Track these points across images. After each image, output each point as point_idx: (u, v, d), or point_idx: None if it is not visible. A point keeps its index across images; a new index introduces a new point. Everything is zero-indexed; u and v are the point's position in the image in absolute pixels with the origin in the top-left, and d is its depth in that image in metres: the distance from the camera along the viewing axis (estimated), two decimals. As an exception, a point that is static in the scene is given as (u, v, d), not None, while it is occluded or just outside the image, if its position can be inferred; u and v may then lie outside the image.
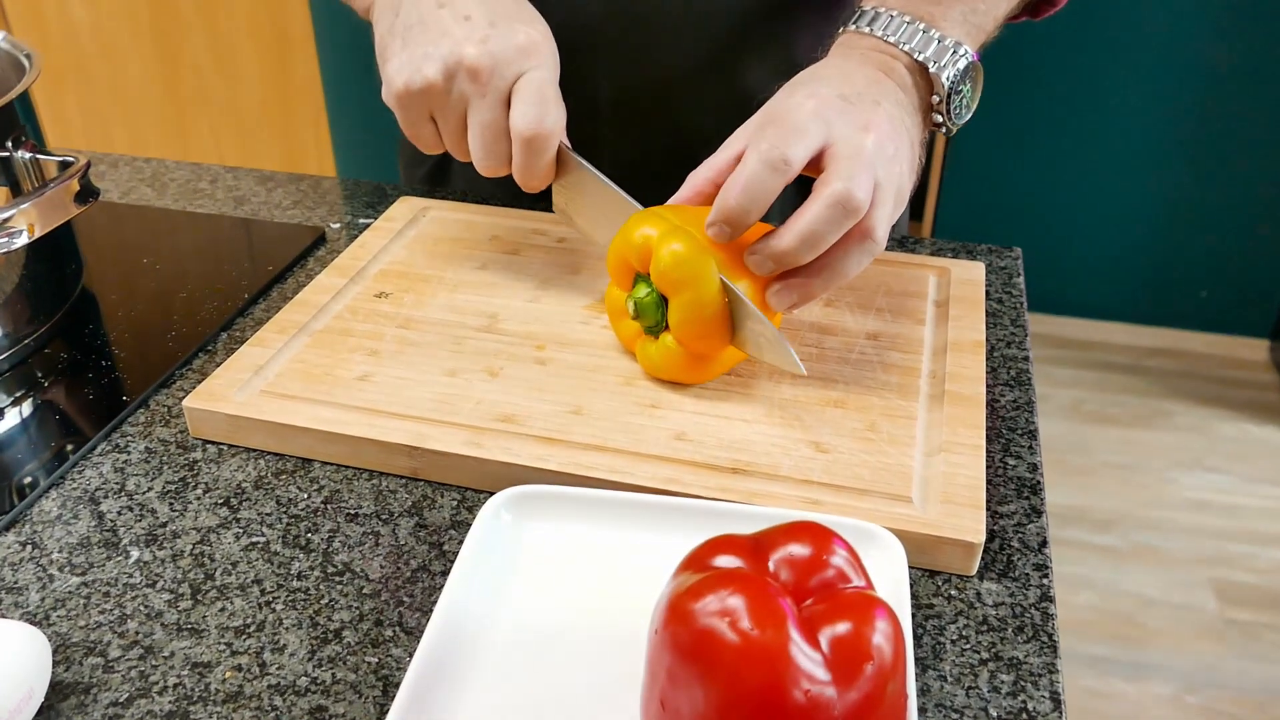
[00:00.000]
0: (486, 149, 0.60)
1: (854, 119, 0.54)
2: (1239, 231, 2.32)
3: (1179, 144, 2.25)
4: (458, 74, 0.58)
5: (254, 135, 2.40)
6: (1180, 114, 2.22)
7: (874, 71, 0.58)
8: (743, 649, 0.35)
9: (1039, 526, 0.52)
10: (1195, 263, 2.39)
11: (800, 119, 0.53)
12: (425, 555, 0.50)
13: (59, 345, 0.65)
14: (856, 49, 0.60)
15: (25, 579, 0.49)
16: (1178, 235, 2.36)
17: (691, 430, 0.54)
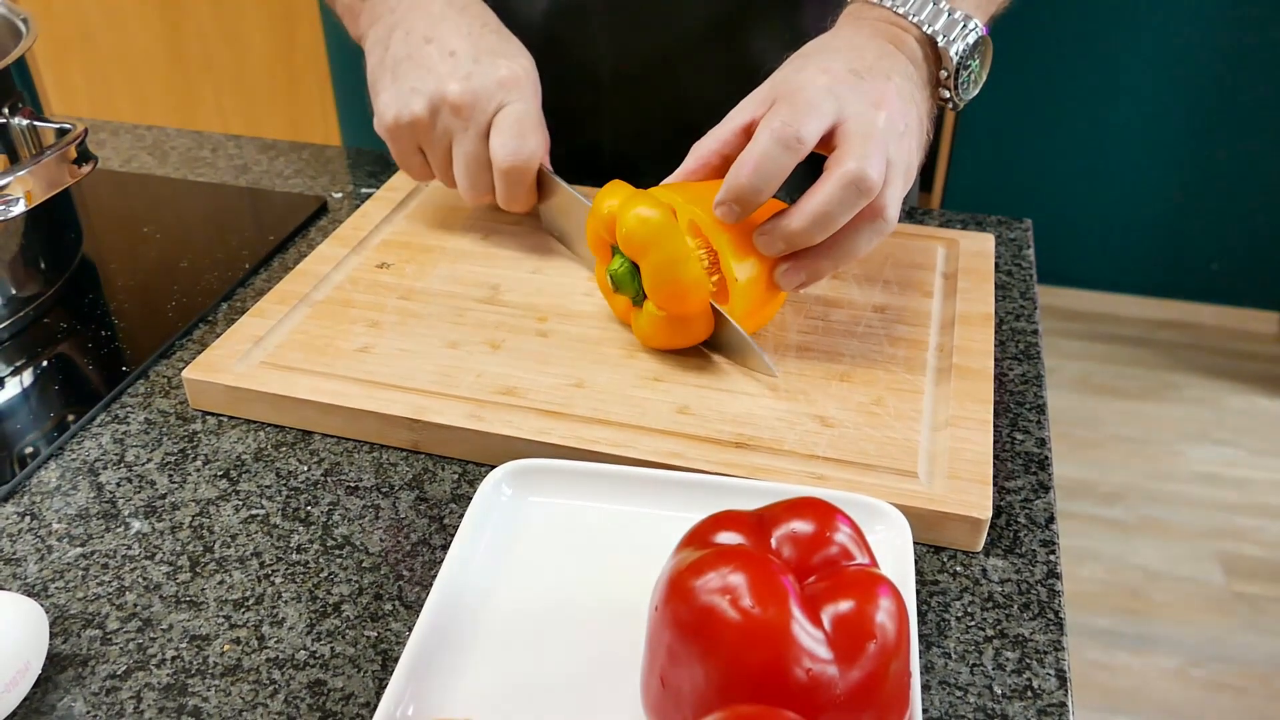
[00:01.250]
0: (470, 179, 0.64)
1: (866, 95, 0.53)
2: (1250, 204, 2.30)
3: (1190, 116, 2.23)
4: (441, 109, 0.62)
5: (259, 102, 2.39)
6: (1191, 86, 2.19)
7: (884, 44, 0.57)
8: (744, 627, 0.34)
9: (1046, 502, 0.51)
10: (1205, 235, 2.37)
11: (812, 95, 0.52)
12: (425, 529, 0.49)
13: (58, 314, 0.65)
14: (867, 20, 0.58)
15: (24, 550, 0.49)
16: (1188, 207, 2.34)
17: (695, 404, 0.54)
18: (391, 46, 0.64)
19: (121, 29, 2.37)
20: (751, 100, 0.55)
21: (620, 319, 0.60)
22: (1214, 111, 2.21)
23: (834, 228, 0.52)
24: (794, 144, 0.50)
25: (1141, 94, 2.21)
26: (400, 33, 0.64)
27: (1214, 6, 2.08)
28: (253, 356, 0.58)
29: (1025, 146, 2.31)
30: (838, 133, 0.52)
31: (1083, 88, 2.21)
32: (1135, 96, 2.22)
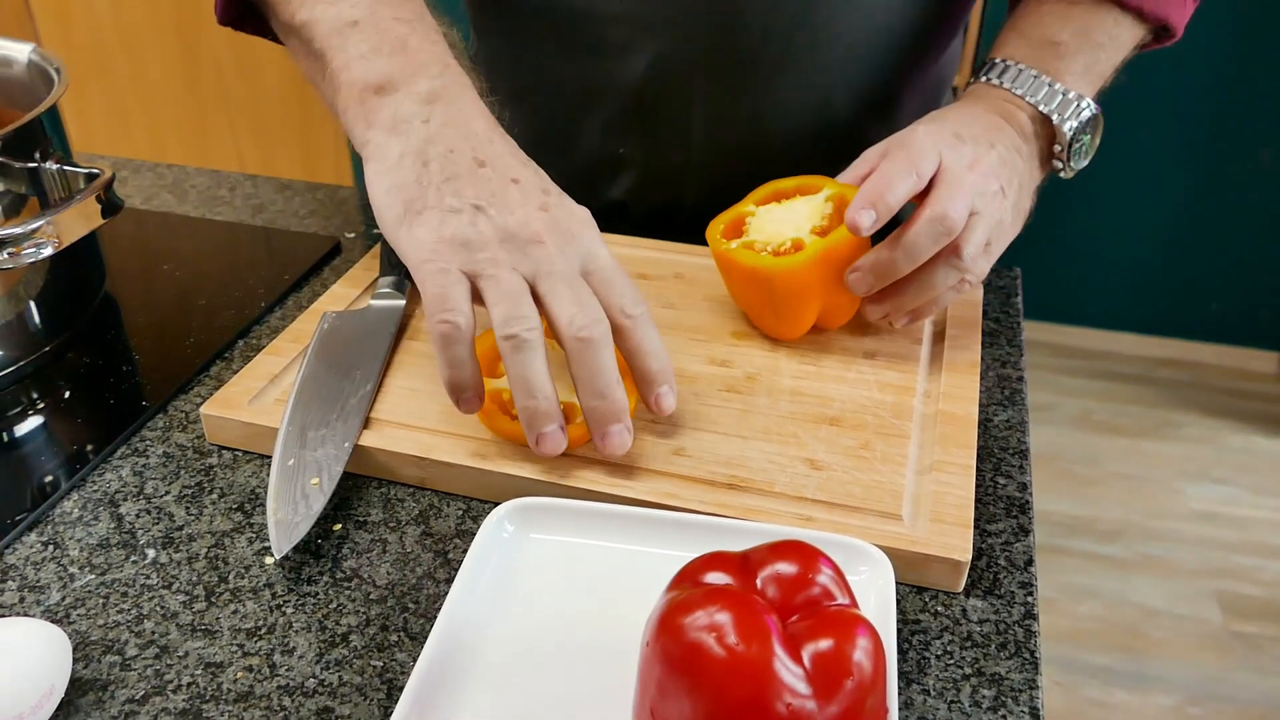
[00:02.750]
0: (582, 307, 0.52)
1: (963, 155, 0.59)
2: (1250, 244, 2.33)
3: (1190, 157, 2.25)
4: (518, 237, 0.53)
5: (273, 135, 2.43)
6: (1190, 127, 2.22)
7: (996, 118, 0.63)
8: (728, 663, 0.37)
9: (1025, 545, 0.53)
10: (1206, 274, 2.39)
11: (918, 149, 0.58)
12: (430, 563, 0.52)
13: (81, 350, 0.68)
14: (984, 98, 0.65)
15: (47, 578, 0.51)
16: (1188, 247, 2.36)
17: (690, 445, 0.56)
18: (430, 164, 0.54)
19: (140, 62, 2.41)
20: (869, 154, 0.62)
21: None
22: (1213, 153, 2.24)
23: (918, 259, 0.58)
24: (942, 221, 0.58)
25: (1141, 136, 2.24)
26: (441, 148, 0.55)
27: (1213, 52, 2.12)
28: (268, 394, 0.60)
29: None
30: (932, 181, 0.58)
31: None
32: (1135, 139, 2.25)
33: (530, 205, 0.54)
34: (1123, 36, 0.67)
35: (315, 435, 0.56)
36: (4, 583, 0.51)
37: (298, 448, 0.55)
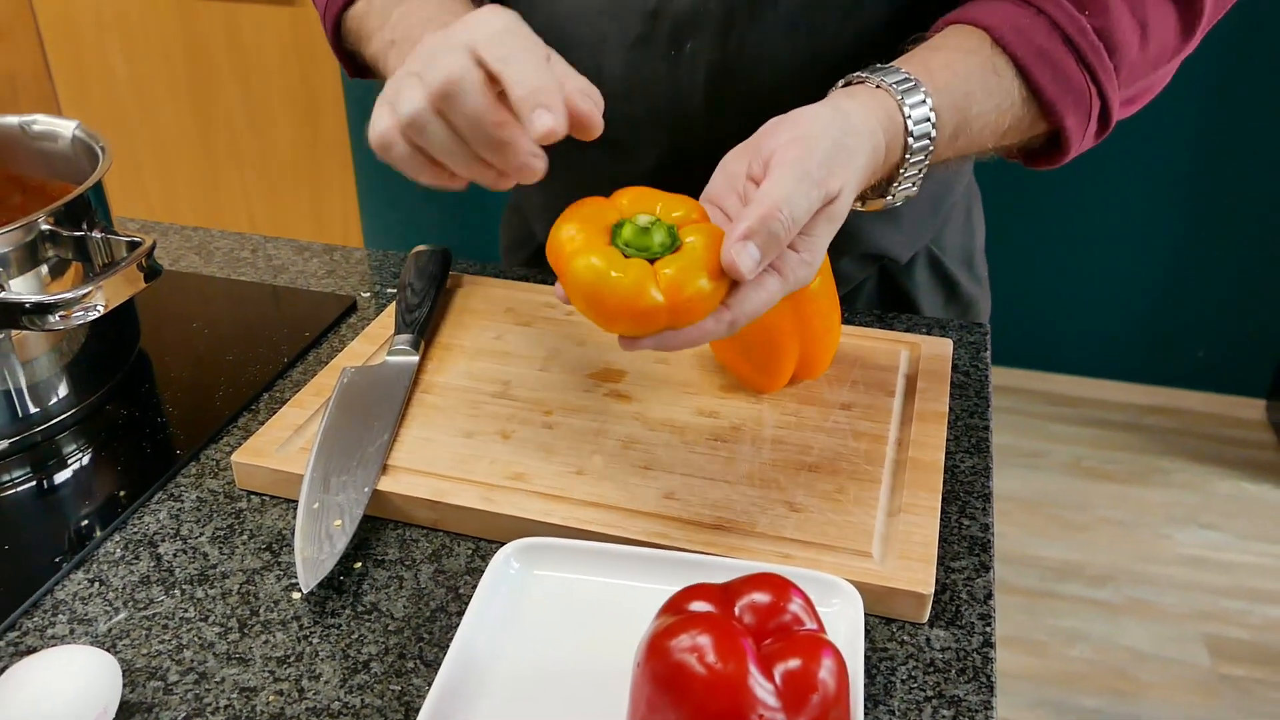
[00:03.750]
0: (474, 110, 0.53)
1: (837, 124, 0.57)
2: (1235, 293, 2.38)
3: (1175, 208, 2.32)
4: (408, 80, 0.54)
5: (284, 195, 2.50)
6: (1175, 180, 2.29)
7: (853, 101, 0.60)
8: (708, 680, 0.42)
9: (986, 580, 0.58)
10: (1192, 323, 2.45)
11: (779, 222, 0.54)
12: (443, 598, 0.57)
13: (118, 403, 0.73)
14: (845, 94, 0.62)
15: (94, 611, 0.56)
16: (1175, 296, 2.42)
17: (680, 490, 0.61)
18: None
19: (155, 122, 2.49)
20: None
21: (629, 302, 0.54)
22: (1198, 204, 2.31)
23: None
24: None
25: (1127, 188, 2.31)
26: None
27: (1196, 103, 2.19)
28: (293, 443, 0.66)
29: (1016, 239, 2.41)
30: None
31: (1070, 183, 2.31)
32: (1122, 191, 2.32)
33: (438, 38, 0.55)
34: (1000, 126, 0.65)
35: (337, 481, 0.61)
36: (55, 616, 0.56)
37: (322, 492, 0.60)
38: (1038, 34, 0.64)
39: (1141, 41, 0.66)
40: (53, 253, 0.67)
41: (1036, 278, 2.46)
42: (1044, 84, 0.64)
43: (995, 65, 0.65)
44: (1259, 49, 2.11)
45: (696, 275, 0.53)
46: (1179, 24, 0.67)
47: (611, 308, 0.53)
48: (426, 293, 0.78)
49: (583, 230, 0.55)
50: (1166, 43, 0.68)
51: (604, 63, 0.76)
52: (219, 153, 2.50)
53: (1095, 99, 0.66)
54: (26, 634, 0.55)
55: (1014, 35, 0.64)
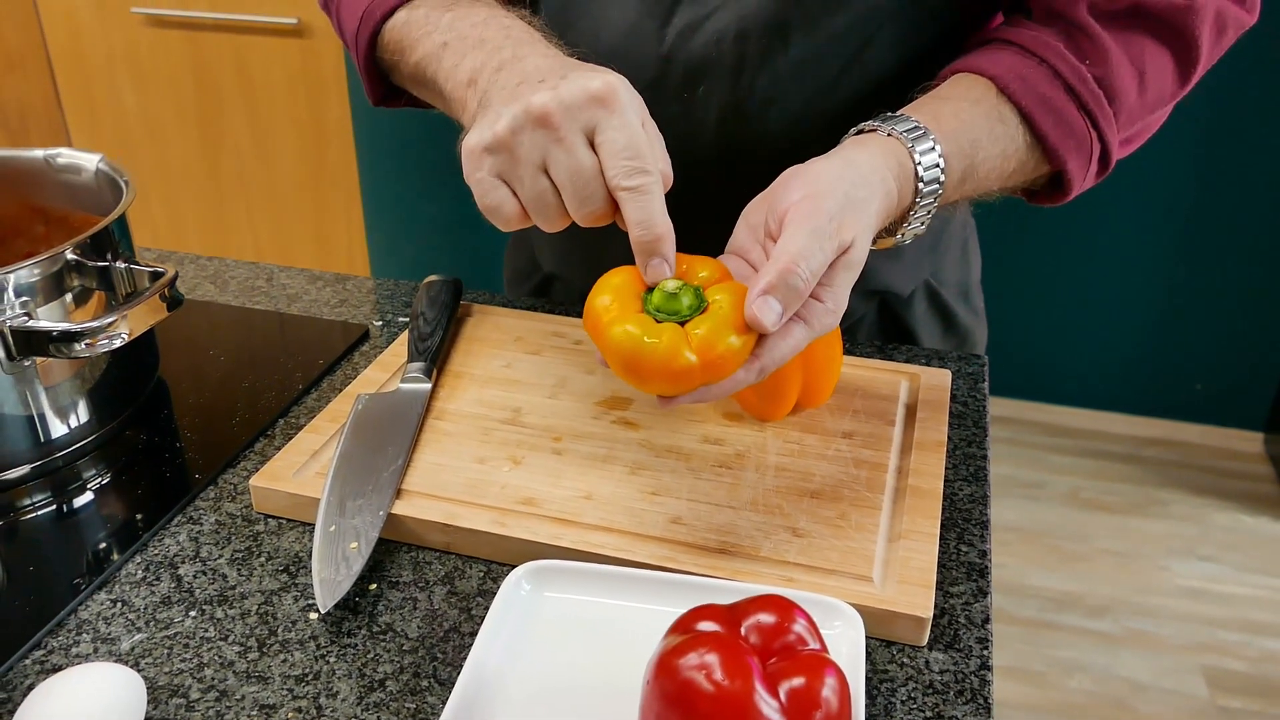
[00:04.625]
0: (578, 192, 0.57)
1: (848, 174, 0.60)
2: (1232, 327, 2.41)
3: (1172, 243, 2.35)
4: (525, 126, 0.56)
5: (288, 224, 2.53)
6: (1172, 214, 2.32)
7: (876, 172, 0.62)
8: (715, 697, 0.43)
9: (983, 605, 0.60)
10: (1190, 357, 2.47)
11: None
12: (456, 618, 0.59)
13: (138, 429, 0.75)
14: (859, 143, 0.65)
15: (117, 631, 0.58)
16: (1172, 330, 2.45)
17: (686, 515, 0.63)
18: (490, 108, 0.60)
19: (163, 153, 2.53)
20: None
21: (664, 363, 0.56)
22: (1195, 240, 2.34)
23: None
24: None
25: (1124, 224, 2.34)
26: (494, 92, 0.61)
27: (1193, 137, 2.22)
28: (309, 467, 0.68)
29: (1015, 273, 2.43)
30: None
31: (1068, 219, 2.34)
32: (1119, 227, 2.35)
33: (543, 89, 0.57)
34: (1005, 170, 0.69)
35: (353, 504, 0.63)
36: (79, 635, 0.58)
37: (338, 515, 0.62)
38: (1041, 83, 0.68)
39: (1140, 88, 0.69)
40: (78, 282, 0.69)
41: (1036, 310, 2.49)
42: (1047, 130, 0.68)
43: (1000, 113, 0.68)
44: (1255, 84, 2.14)
45: (725, 333, 0.55)
46: (1175, 71, 0.71)
47: (649, 371, 0.56)
48: (438, 322, 0.80)
49: (616, 299, 0.58)
50: (1163, 88, 0.71)
51: None
52: (226, 182, 2.53)
53: (1096, 143, 0.69)
54: (52, 652, 0.56)
55: (1018, 84, 0.68)
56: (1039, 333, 2.51)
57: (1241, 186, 2.27)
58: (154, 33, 2.39)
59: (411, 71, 0.72)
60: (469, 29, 0.67)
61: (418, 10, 0.72)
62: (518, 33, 0.66)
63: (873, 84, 0.76)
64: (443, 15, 0.70)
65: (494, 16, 0.68)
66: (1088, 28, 0.69)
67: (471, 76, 0.64)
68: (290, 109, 2.38)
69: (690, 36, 0.75)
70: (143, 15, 2.36)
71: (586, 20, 0.79)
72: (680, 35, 0.76)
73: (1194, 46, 0.70)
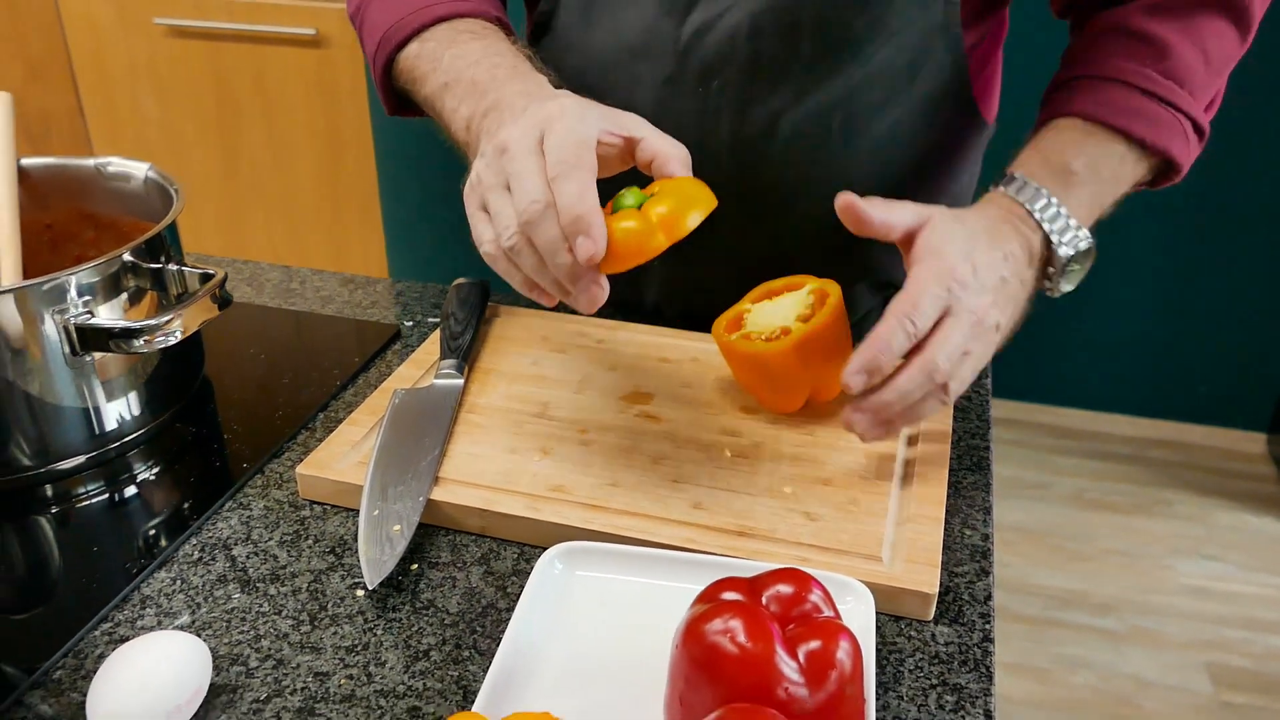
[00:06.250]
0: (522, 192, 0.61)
1: (969, 300, 0.67)
2: (1236, 329, 2.44)
3: (1176, 248, 2.38)
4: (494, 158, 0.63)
5: (304, 227, 2.58)
6: (1176, 221, 2.35)
7: (1009, 231, 0.71)
8: (739, 658, 0.47)
9: (986, 584, 0.64)
10: (1193, 359, 2.50)
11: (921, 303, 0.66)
12: (493, 596, 0.63)
13: (187, 422, 0.79)
14: (999, 207, 0.73)
15: (178, 606, 0.62)
16: (1176, 333, 2.48)
17: (706, 501, 0.67)
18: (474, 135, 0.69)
19: (182, 156, 2.57)
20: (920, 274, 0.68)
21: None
22: (1199, 243, 2.37)
23: (908, 402, 0.66)
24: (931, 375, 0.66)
25: (1130, 228, 2.37)
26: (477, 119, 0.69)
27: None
28: (350, 457, 0.72)
29: (1018, 275, 2.46)
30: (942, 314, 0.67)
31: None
32: (1124, 231, 2.38)
33: (510, 126, 0.63)
34: (1127, 173, 0.76)
35: (394, 491, 0.67)
36: (143, 610, 0.62)
37: (380, 501, 0.67)
38: (1120, 98, 0.76)
39: (1205, 62, 0.77)
40: (133, 283, 0.73)
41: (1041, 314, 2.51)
42: (1142, 133, 0.75)
43: (1103, 143, 0.75)
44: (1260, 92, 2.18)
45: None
46: (1235, 34, 0.78)
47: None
48: (468, 321, 0.85)
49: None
50: (1227, 52, 0.78)
51: (636, 98, 0.83)
52: (243, 189, 2.58)
53: (1184, 121, 0.76)
54: (119, 625, 0.61)
55: (1104, 109, 0.75)
56: (1044, 336, 2.54)
57: (1245, 190, 2.29)
58: (175, 43, 2.44)
59: (422, 103, 0.79)
60: (464, 69, 0.73)
61: (427, 44, 0.78)
62: (503, 71, 0.71)
63: (881, 84, 0.81)
64: (445, 53, 0.76)
65: (486, 54, 0.74)
66: (1142, 31, 0.76)
67: (467, 123, 0.71)
68: (307, 117, 2.43)
69: (705, 34, 0.80)
70: (165, 26, 2.41)
71: (607, 19, 0.84)
72: (696, 33, 0.80)
73: (1247, 10, 0.76)
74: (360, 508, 0.66)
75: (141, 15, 2.42)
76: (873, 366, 0.65)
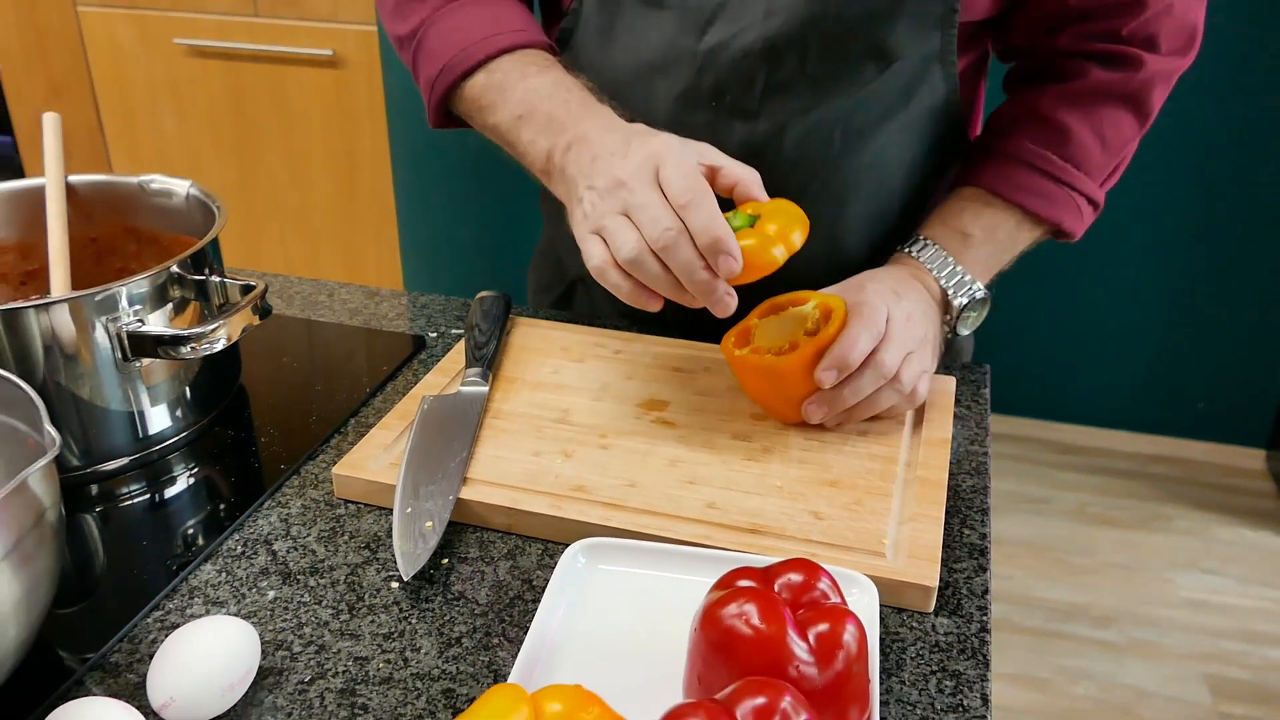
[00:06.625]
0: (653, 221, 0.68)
1: (902, 309, 0.80)
2: (1235, 347, 2.48)
3: (1176, 265, 2.42)
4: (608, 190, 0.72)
5: (319, 241, 2.63)
6: (1177, 237, 2.39)
7: (915, 282, 0.85)
8: (754, 640, 0.51)
9: (983, 580, 0.68)
10: (1193, 376, 2.54)
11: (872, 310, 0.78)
12: (520, 588, 0.67)
13: (225, 426, 0.84)
14: (906, 265, 0.87)
15: (225, 596, 0.66)
16: (1177, 349, 2.51)
17: (720, 500, 0.71)
18: (575, 186, 0.75)
19: (200, 173, 2.63)
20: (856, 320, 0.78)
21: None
22: (1198, 261, 2.41)
23: (861, 396, 0.77)
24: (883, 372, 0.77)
25: (1132, 247, 2.41)
26: (575, 170, 0.75)
27: (1197, 158, 2.28)
28: (382, 459, 0.76)
29: (1026, 293, 2.50)
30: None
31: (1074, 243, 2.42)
32: (1125, 250, 2.42)
33: (616, 162, 0.72)
34: (1022, 237, 0.90)
35: (425, 490, 0.71)
36: (192, 599, 0.66)
37: (413, 499, 0.71)
38: (1021, 176, 0.89)
39: (1102, 147, 0.88)
40: (178, 293, 0.78)
41: (1044, 331, 2.56)
42: (1037, 209, 0.89)
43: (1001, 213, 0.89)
44: (1255, 106, 2.22)
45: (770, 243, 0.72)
46: (1134, 121, 0.88)
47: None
48: (492, 332, 0.89)
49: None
50: (1124, 138, 0.89)
51: (652, 110, 0.89)
52: (260, 206, 2.63)
53: (1079, 197, 0.89)
54: (170, 613, 0.65)
55: (1004, 185, 0.89)
56: (1046, 353, 2.58)
57: (1245, 208, 2.33)
58: (195, 63, 2.49)
59: (487, 129, 0.86)
60: (538, 102, 0.81)
61: (494, 75, 0.84)
62: (576, 106, 0.80)
63: (879, 104, 0.87)
64: (517, 87, 0.83)
65: (556, 89, 0.81)
66: (1052, 118, 0.88)
67: (548, 154, 0.79)
68: (324, 136, 2.48)
69: (720, 52, 0.86)
70: (185, 46, 2.47)
71: (629, 37, 0.89)
72: (712, 51, 0.86)
73: (1146, 103, 0.88)
74: (394, 505, 0.70)
75: (163, 36, 2.48)
76: (842, 364, 0.75)
